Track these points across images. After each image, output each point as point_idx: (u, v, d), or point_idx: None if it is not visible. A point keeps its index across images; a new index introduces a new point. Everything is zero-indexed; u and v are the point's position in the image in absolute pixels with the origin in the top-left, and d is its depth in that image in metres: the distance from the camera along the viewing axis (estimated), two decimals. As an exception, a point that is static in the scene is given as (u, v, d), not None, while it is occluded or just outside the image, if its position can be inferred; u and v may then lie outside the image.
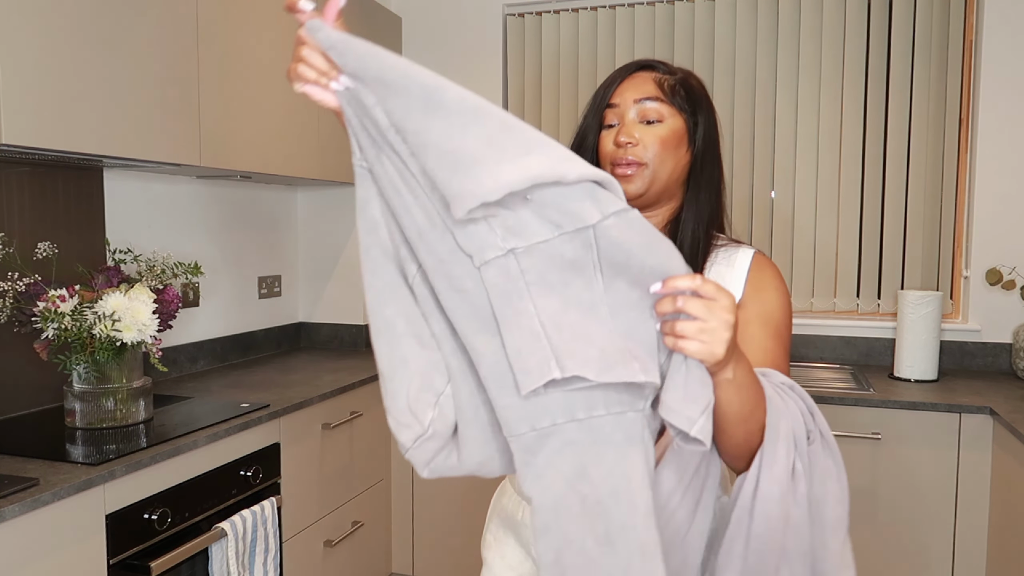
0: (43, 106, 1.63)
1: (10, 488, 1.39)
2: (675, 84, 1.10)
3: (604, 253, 0.76)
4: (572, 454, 0.80)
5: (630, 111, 1.08)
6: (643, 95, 1.08)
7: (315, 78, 0.81)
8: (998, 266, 2.64)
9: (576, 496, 0.80)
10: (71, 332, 1.74)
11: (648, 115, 1.07)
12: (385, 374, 0.86)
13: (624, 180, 1.06)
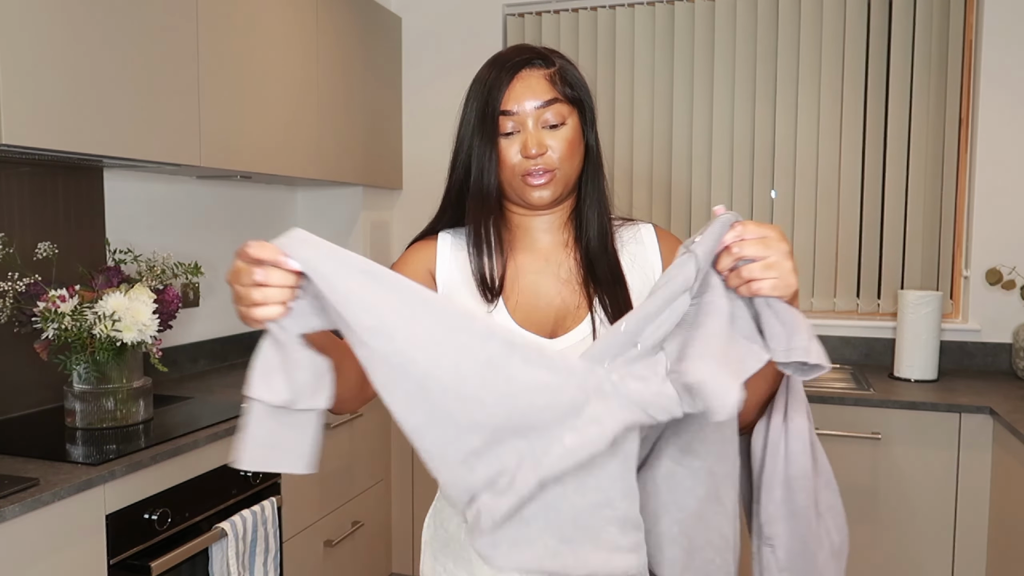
0: (43, 106, 1.63)
1: (10, 488, 1.39)
2: (563, 75, 1.06)
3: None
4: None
5: (530, 118, 1.02)
6: (542, 99, 1.03)
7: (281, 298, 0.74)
8: (998, 266, 2.64)
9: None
10: (71, 332, 1.74)
11: (550, 120, 1.03)
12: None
13: (538, 189, 1.04)
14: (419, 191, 3.29)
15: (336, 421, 2.39)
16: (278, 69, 2.43)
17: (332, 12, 2.72)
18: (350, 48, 2.84)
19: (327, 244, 0.73)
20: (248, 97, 2.29)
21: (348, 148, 2.85)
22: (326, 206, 3.19)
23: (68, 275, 1.94)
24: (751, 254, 0.76)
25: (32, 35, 1.60)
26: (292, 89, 2.51)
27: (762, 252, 0.76)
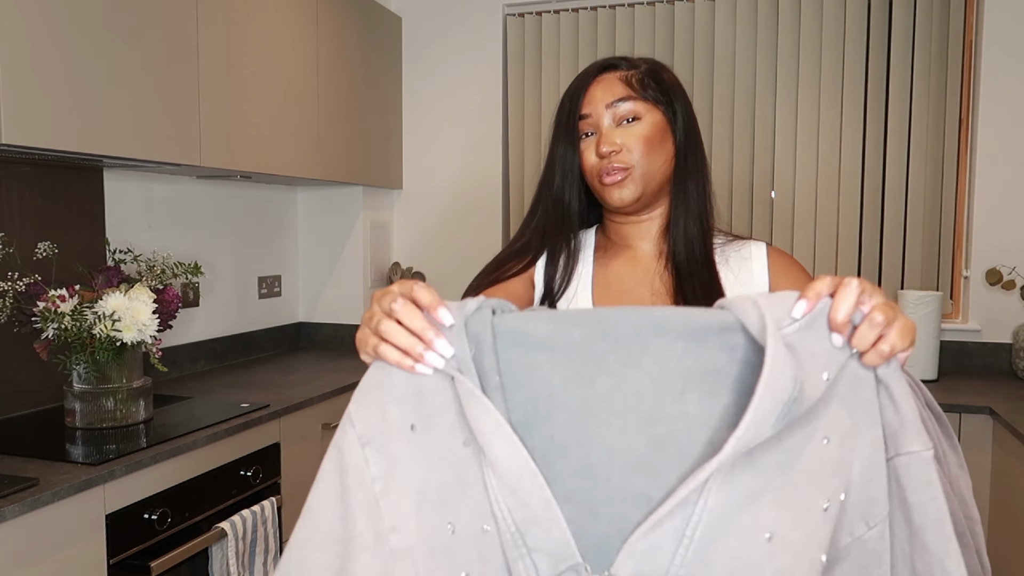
0: (43, 106, 1.63)
1: (10, 488, 1.39)
2: (643, 77, 1.04)
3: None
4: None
5: (604, 117, 1.03)
6: (614, 97, 1.02)
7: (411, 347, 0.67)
8: (998, 266, 2.64)
9: None
10: (71, 332, 1.74)
11: (624, 116, 1.02)
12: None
13: (616, 187, 1.02)
14: (419, 191, 3.29)
15: (336, 421, 2.39)
16: (278, 69, 2.43)
17: (332, 12, 2.72)
18: (350, 48, 2.84)
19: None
20: (248, 97, 2.29)
21: (348, 148, 2.85)
22: (326, 206, 3.19)
23: (68, 275, 1.94)
24: (882, 317, 0.63)
25: (32, 35, 1.60)
26: (292, 89, 2.51)
27: (890, 313, 0.63)
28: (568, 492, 0.65)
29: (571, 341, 0.65)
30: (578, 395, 0.65)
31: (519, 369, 0.66)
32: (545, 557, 0.62)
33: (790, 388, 0.60)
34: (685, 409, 0.65)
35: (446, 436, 0.67)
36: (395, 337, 0.65)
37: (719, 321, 0.64)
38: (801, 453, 0.62)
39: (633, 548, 0.61)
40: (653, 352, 0.65)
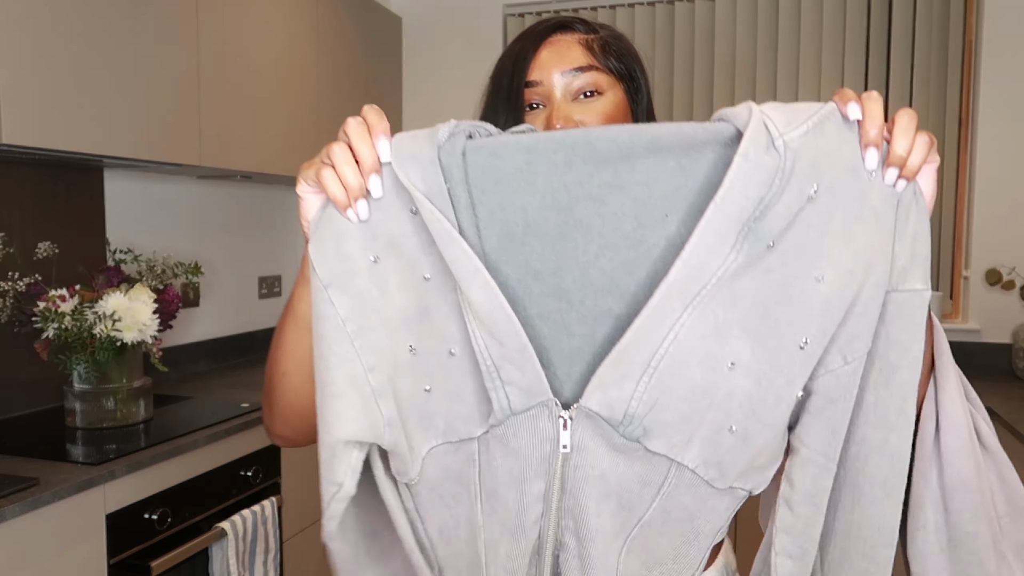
0: (43, 106, 1.63)
1: (10, 488, 1.39)
2: (605, 43, 0.90)
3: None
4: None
5: (557, 88, 0.86)
6: (571, 64, 0.86)
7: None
8: (998, 266, 2.64)
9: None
10: (71, 332, 1.74)
11: (582, 88, 0.86)
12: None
13: None
14: (419, 191, 3.28)
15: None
16: (278, 69, 2.43)
17: (332, 12, 2.72)
18: (350, 48, 2.84)
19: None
20: (248, 97, 2.29)
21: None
22: (326, 206, 3.18)
23: (68, 275, 1.94)
24: (906, 127, 0.59)
25: (32, 35, 1.60)
26: (292, 89, 2.51)
27: (911, 128, 0.60)
28: (543, 312, 0.65)
29: (552, 165, 0.62)
30: (555, 220, 0.63)
31: (493, 197, 0.64)
32: (518, 391, 0.63)
33: (749, 206, 0.57)
34: (667, 232, 0.62)
35: (406, 268, 0.65)
36: (340, 164, 0.63)
37: (716, 134, 0.60)
38: (788, 289, 0.60)
39: (602, 380, 0.61)
40: (640, 172, 0.61)
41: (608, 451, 0.63)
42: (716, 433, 0.62)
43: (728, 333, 0.60)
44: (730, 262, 0.58)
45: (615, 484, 0.65)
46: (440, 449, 0.69)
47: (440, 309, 0.65)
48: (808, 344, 0.60)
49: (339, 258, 0.66)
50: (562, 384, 0.65)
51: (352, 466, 0.70)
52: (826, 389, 0.62)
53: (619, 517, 0.66)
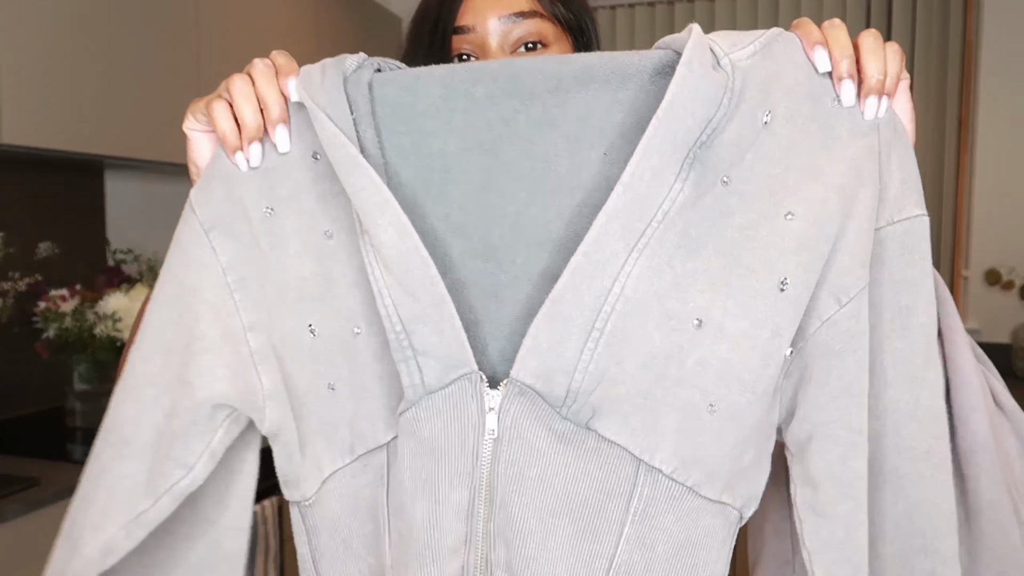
0: (43, 106, 1.63)
1: (10, 488, 1.39)
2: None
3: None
4: None
5: (492, 36, 0.72)
6: (510, 9, 0.72)
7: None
8: (997, 266, 2.64)
9: None
10: (72, 332, 1.75)
11: (523, 39, 0.73)
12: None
13: None
14: (419, 191, 3.28)
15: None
16: (278, 69, 2.43)
17: (332, 12, 2.72)
18: (350, 48, 2.83)
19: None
20: (248, 97, 2.29)
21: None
22: (326, 206, 3.18)
23: (69, 275, 1.94)
24: (870, 48, 0.52)
25: (32, 35, 1.60)
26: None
27: (879, 50, 0.52)
28: (468, 276, 0.55)
29: (471, 100, 0.54)
30: (478, 164, 0.55)
31: (405, 139, 0.55)
32: (433, 362, 0.51)
33: (695, 126, 0.49)
34: (607, 173, 0.53)
35: (304, 225, 0.56)
36: (238, 99, 0.54)
37: (656, 61, 0.53)
38: (755, 231, 0.51)
39: (536, 343, 0.49)
40: (573, 106, 0.54)
41: (550, 441, 0.50)
42: (692, 416, 0.50)
43: (691, 288, 0.50)
44: (676, 193, 0.50)
45: (564, 492, 0.51)
46: (346, 471, 0.57)
47: (344, 276, 0.55)
48: (789, 283, 0.50)
49: (228, 200, 0.57)
50: (493, 363, 0.54)
51: (212, 447, 0.57)
52: (827, 342, 0.52)
53: (581, 553, 0.51)
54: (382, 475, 0.56)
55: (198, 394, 0.56)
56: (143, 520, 0.56)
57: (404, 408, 0.52)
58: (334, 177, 0.54)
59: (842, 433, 0.51)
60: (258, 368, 0.57)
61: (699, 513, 0.52)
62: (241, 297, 0.57)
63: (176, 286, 0.57)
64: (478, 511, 0.52)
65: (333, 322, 0.55)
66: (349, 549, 0.58)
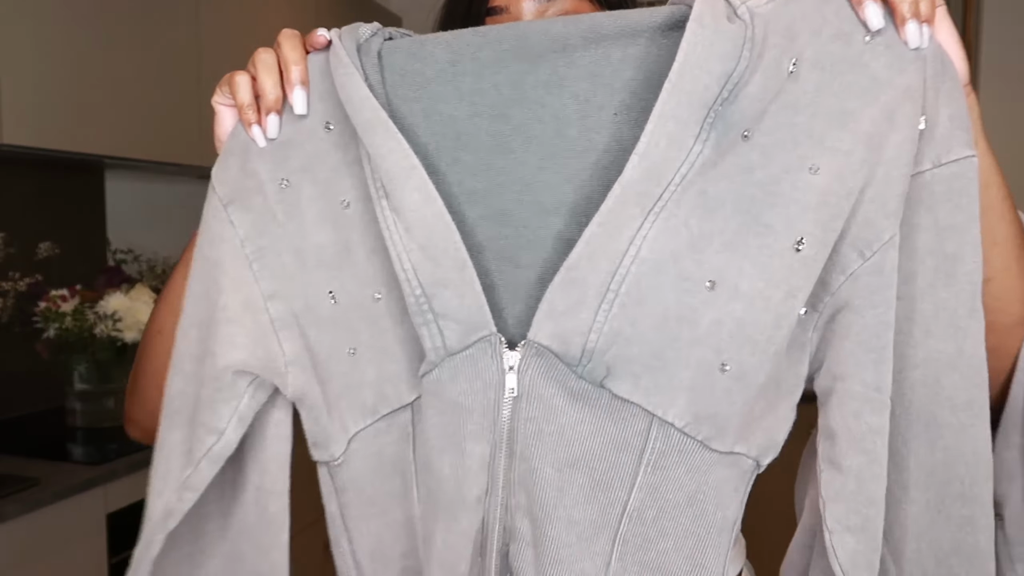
0: (43, 106, 1.63)
1: (10, 488, 1.39)
2: None
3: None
4: None
5: (527, 16, 0.70)
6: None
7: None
8: (998, 266, 2.64)
9: None
10: (72, 332, 1.75)
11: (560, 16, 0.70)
12: None
13: None
14: (419, 191, 3.28)
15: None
16: (278, 69, 2.43)
17: (332, 12, 2.72)
18: (350, 48, 2.85)
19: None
20: (248, 97, 2.29)
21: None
22: (326, 206, 3.18)
23: (69, 275, 1.94)
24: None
25: (32, 35, 1.60)
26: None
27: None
28: (483, 241, 0.55)
29: (479, 64, 0.54)
30: (488, 129, 0.55)
31: (416, 105, 0.55)
32: (454, 325, 0.52)
33: (714, 84, 0.47)
34: (619, 134, 0.53)
35: (320, 194, 0.57)
36: (261, 72, 0.57)
37: (666, 17, 0.51)
38: (776, 186, 0.49)
39: (552, 307, 0.50)
40: (581, 66, 0.53)
41: (566, 399, 0.52)
42: (706, 375, 0.51)
43: (707, 248, 0.50)
44: (695, 156, 0.49)
45: (580, 448, 0.52)
46: (370, 431, 0.58)
47: (363, 244, 0.56)
48: (805, 244, 0.49)
49: (243, 174, 0.58)
50: (509, 325, 0.55)
51: (240, 411, 0.58)
52: (848, 297, 0.51)
53: (596, 501, 0.53)
54: (407, 433, 0.57)
55: (219, 362, 0.58)
56: (189, 483, 0.59)
57: (426, 370, 0.53)
58: (347, 146, 0.55)
59: (857, 388, 0.51)
60: (279, 335, 0.58)
61: (709, 465, 0.53)
62: (259, 267, 0.58)
63: (203, 261, 0.59)
64: (499, 462, 0.54)
65: (353, 288, 0.56)
66: (376, 505, 0.60)
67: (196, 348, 0.60)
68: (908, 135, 0.48)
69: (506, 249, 0.55)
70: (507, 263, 0.55)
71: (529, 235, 0.54)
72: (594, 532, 0.53)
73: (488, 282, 0.54)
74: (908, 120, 0.48)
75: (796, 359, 0.53)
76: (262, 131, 0.57)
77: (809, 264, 0.50)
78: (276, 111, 0.56)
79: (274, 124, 0.56)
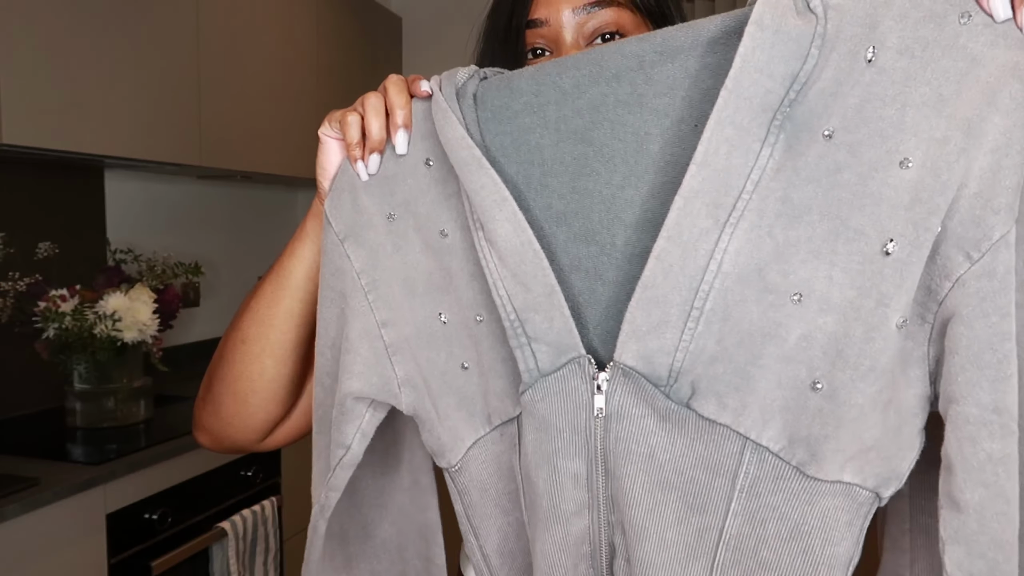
0: (43, 106, 1.63)
1: (10, 488, 1.39)
2: None
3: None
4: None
5: (567, 29, 0.71)
6: (584, 0, 0.70)
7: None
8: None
9: None
10: (72, 332, 1.75)
11: (599, 29, 0.71)
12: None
13: None
14: (419, 191, 3.28)
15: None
16: (278, 69, 2.43)
17: (332, 12, 2.73)
18: (350, 48, 2.84)
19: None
20: (248, 97, 2.29)
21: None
22: (326, 206, 3.18)
23: (69, 275, 1.94)
24: None
25: (32, 35, 1.60)
26: (292, 89, 2.51)
27: None
28: (573, 261, 0.57)
29: (561, 92, 0.57)
30: (573, 153, 0.57)
31: (506, 138, 0.59)
32: (545, 348, 0.54)
33: (777, 87, 0.46)
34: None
35: (423, 225, 0.61)
36: (369, 112, 0.61)
37: (738, 20, 0.50)
38: (865, 186, 0.46)
39: (634, 327, 0.50)
40: (659, 81, 0.53)
41: (656, 420, 0.51)
42: (797, 394, 0.48)
43: (793, 258, 0.47)
44: (764, 160, 0.47)
45: (672, 470, 0.51)
46: (488, 439, 0.62)
47: (463, 270, 0.60)
48: (895, 246, 0.45)
49: (355, 210, 0.63)
50: (600, 343, 0.56)
51: (362, 429, 0.64)
52: (955, 306, 0.45)
53: (689, 523, 0.52)
54: (515, 443, 0.60)
55: (342, 388, 0.63)
56: (332, 484, 0.65)
57: (523, 389, 0.56)
58: (446, 181, 0.60)
59: (972, 411, 0.45)
60: (392, 360, 0.63)
61: (812, 494, 0.50)
62: (374, 298, 0.63)
63: (329, 291, 0.65)
64: (597, 480, 0.55)
65: (458, 311, 0.60)
66: (499, 506, 0.64)
67: (331, 366, 0.65)
68: (1018, 119, 0.43)
69: (594, 267, 0.56)
70: (596, 281, 0.56)
71: (616, 252, 0.55)
72: (689, 556, 0.53)
73: (578, 301, 0.56)
74: (1017, 102, 0.43)
75: (914, 377, 0.49)
76: (365, 167, 0.62)
77: (900, 268, 0.46)
78: (379, 151, 0.61)
79: (375, 162, 0.62)
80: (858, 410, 0.48)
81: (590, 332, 0.56)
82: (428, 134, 0.61)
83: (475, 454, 0.62)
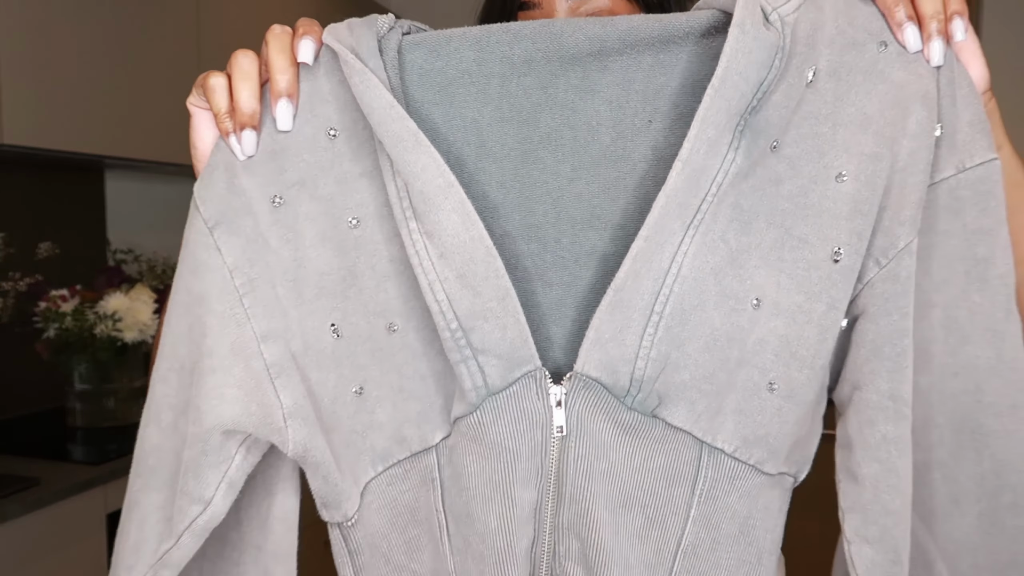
0: (43, 106, 1.63)
1: (10, 488, 1.39)
2: None
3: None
4: None
5: (560, 11, 0.67)
6: None
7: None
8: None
9: None
10: (72, 332, 1.75)
11: (594, 13, 0.67)
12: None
13: None
14: (419, 191, 3.28)
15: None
16: (278, 69, 2.43)
17: (332, 12, 2.72)
18: (350, 48, 2.85)
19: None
20: (248, 97, 2.29)
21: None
22: (326, 206, 3.18)
23: (69, 275, 1.94)
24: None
25: (32, 35, 1.60)
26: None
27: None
28: (512, 258, 0.51)
29: (508, 64, 0.50)
30: (516, 136, 0.50)
31: (435, 109, 0.50)
32: (495, 361, 0.47)
33: (748, 92, 0.46)
34: (653, 143, 0.50)
35: (321, 212, 0.50)
36: (236, 76, 0.49)
37: (699, 23, 0.49)
38: (806, 198, 0.48)
39: (599, 334, 0.46)
40: (614, 71, 0.50)
41: (616, 433, 0.49)
42: (752, 396, 0.49)
43: (747, 263, 0.48)
44: (728, 164, 0.47)
45: (633, 485, 0.50)
46: (382, 479, 0.53)
47: (374, 269, 0.50)
48: (843, 254, 0.48)
49: (230, 192, 0.50)
50: (542, 350, 0.50)
51: (229, 476, 0.50)
52: (865, 307, 0.49)
53: (650, 539, 0.51)
54: (431, 479, 0.52)
55: (205, 420, 0.50)
56: (168, 561, 0.52)
57: (465, 412, 0.49)
58: (355, 157, 0.50)
59: (872, 397, 0.49)
60: (275, 383, 0.50)
61: (760, 488, 0.52)
62: (251, 303, 0.50)
63: (185, 295, 0.51)
64: (546, 507, 0.51)
65: (359, 319, 0.50)
66: (390, 563, 0.55)
67: (177, 397, 0.52)
68: (923, 142, 0.48)
69: (535, 267, 0.51)
70: (537, 282, 0.51)
71: (561, 251, 0.50)
72: (648, 572, 0.51)
73: (521, 298, 0.50)
74: (922, 127, 0.47)
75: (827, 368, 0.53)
76: (239, 145, 0.49)
77: (848, 275, 0.49)
78: (252, 126, 0.49)
79: (250, 141, 0.49)
80: (808, 405, 0.51)
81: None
82: (331, 96, 0.50)
83: (370, 499, 0.53)
